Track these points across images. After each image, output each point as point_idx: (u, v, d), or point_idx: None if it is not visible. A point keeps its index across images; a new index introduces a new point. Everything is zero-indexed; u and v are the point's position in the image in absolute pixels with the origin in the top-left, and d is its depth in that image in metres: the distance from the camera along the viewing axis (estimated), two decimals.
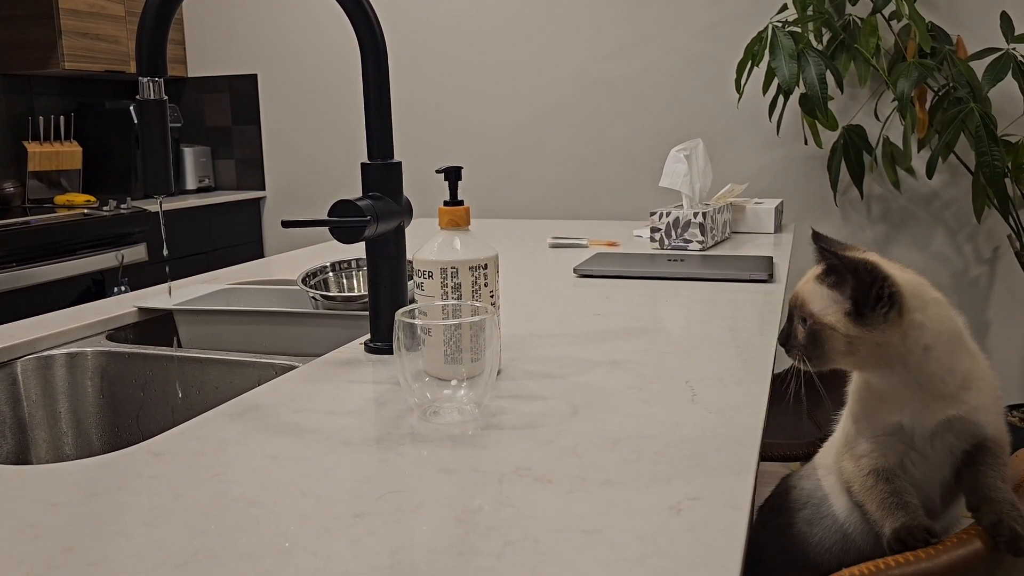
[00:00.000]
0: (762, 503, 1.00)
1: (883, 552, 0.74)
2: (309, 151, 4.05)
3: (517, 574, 0.59)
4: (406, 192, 3.78)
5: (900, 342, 0.73)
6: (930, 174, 2.89)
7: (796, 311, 0.78)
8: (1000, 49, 2.72)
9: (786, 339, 0.79)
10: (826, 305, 0.75)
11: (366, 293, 1.43)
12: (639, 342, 1.20)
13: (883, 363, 0.74)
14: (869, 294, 0.73)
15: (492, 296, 1.04)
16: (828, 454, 0.91)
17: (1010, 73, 2.66)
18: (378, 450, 0.81)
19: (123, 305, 1.49)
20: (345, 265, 1.61)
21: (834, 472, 0.87)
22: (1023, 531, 0.66)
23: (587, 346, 1.18)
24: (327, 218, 1.06)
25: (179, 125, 4.06)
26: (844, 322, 0.73)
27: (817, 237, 0.82)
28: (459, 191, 1.05)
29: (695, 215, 2.04)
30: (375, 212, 1.08)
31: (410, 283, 1.28)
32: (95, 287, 3.17)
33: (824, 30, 2.98)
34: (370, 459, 0.79)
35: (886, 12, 2.93)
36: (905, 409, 0.75)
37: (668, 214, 2.07)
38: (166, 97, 1.08)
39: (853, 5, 2.99)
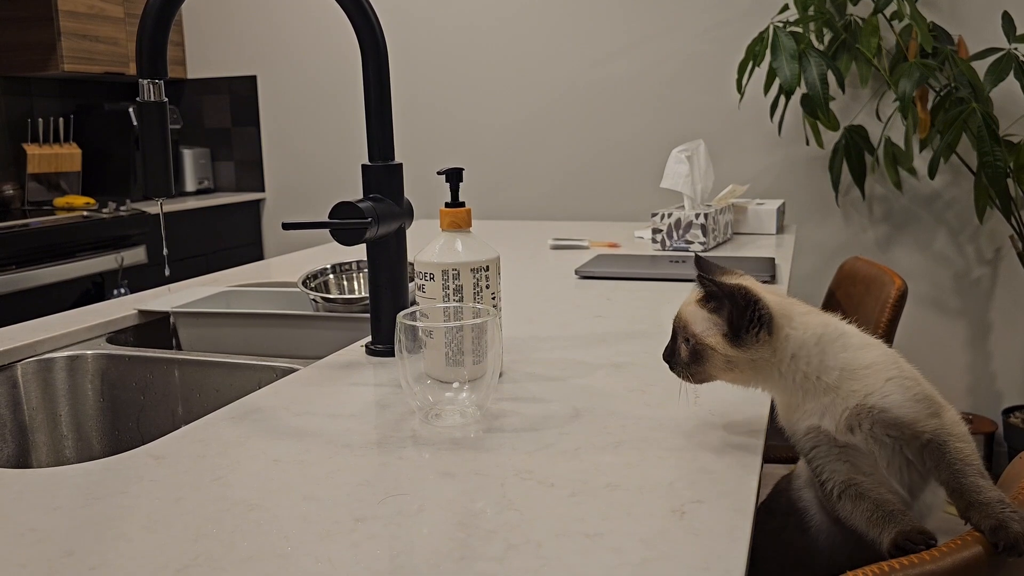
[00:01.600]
0: (759, 505, 1.00)
1: (874, 552, 0.74)
2: (309, 152, 4.05)
3: None
4: (407, 194, 3.78)
5: (770, 356, 0.80)
6: (932, 175, 2.88)
7: (680, 331, 0.85)
8: (1002, 49, 2.72)
9: (670, 356, 0.86)
10: (707, 327, 0.82)
11: (367, 295, 1.42)
12: (641, 344, 1.20)
13: (760, 376, 0.82)
14: (743, 317, 0.80)
15: (494, 298, 1.04)
16: (803, 466, 0.94)
17: (1012, 73, 2.66)
18: (379, 453, 0.81)
19: (123, 308, 1.49)
20: (346, 267, 1.61)
21: (810, 487, 0.90)
22: (1021, 530, 0.66)
23: (589, 348, 1.18)
24: (328, 220, 1.06)
25: (178, 127, 4.05)
26: (723, 343, 0.81)
27: (699, 262, 0.89)
28: (460, 192, 1.05)
29: (696, 216, 2.04)
30: (376, 214, 1.08)
31: (411, 285, 1.27)
32: (94, 289, 3.17)
33: (825, 30, 2.98)
34: (371, 462, 0.79)
35: (887, 12, 2.93)
36: (806, 410, 0.80)
37: (669, 215, 2.07)
38: (166, 99, 1.07)
39: (854, 5, 2.99)
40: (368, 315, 1.35)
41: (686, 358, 0.84)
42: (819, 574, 0.89)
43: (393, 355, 1.13)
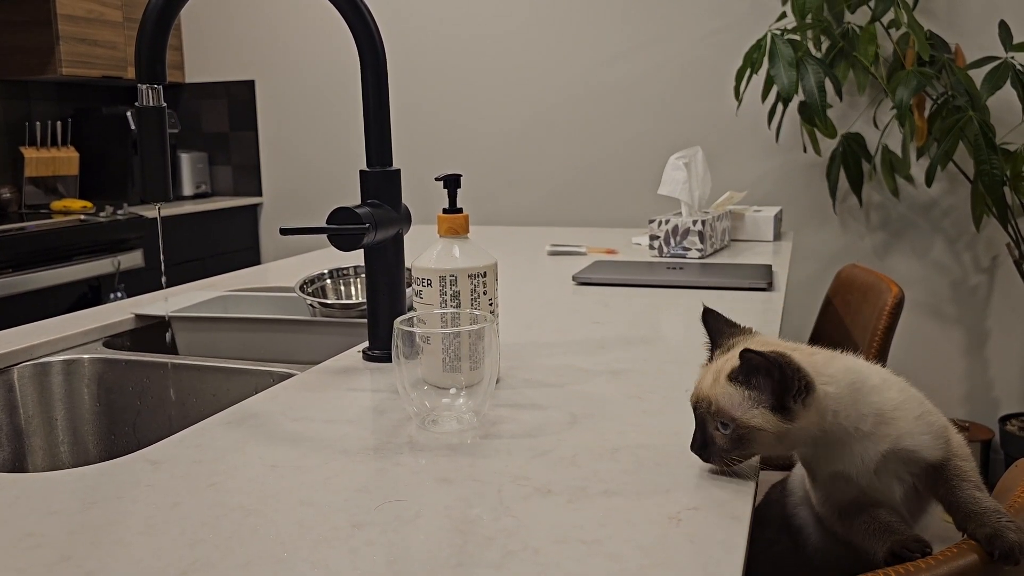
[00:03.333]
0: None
1: (869, 566, 0.75)
2: (307, 157, 4.05)
3: None
4: (405, 199, 3.78)
5: (817, 419, 0.74)
6: (929, 182, 2.89)
7: (709, 417, 0.75)
8: (999, 58, 2.73)
9: (703, 447, 0.76)
10: (747, 408, 0.73)
11: (364, 301, 1.42)
12: (638, 351, 1.20)
13: (804, 440, 0.75)
14: (791, 389, 0.72)
15: (491, 304, 1.04)
16: (798, 482, 0.92)
17: (1008, 81, 2.66)
18: (376, 459, 0.81)
19: (120, 312, 1.49)
20: (343, 272, 1.61)
21: (806, 504, 0.89)
22: (1017, 538, 0.66)
23: (586, 355, 1.18)
24: (326, 225, 1.06)
25: (176, 131, 4.05)
26: (772, 421, 0.72)
27: (713, 316, 0.81)
28: (458, 198, 1.05)
29: (694, 223, 2.04)
30: (374, 220, 1.08)
31: (409, 291, 1.27)
32: (91, 293, 3.16)
33: (823, 38, 2.99)
34: (368, 468, 0.79)
35: (885, 20, 2.93)
36: (835, 458, 0.77)
37: (667, 222, 2.07)
38: (165, 104, 1.07)
39: (852, 13, 3.00)
40: (365, 320, 1.35)
41: (726, 445, 0.74)
42: None
43: (390, 361, 1.13)
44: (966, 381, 3.23)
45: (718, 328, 0.81)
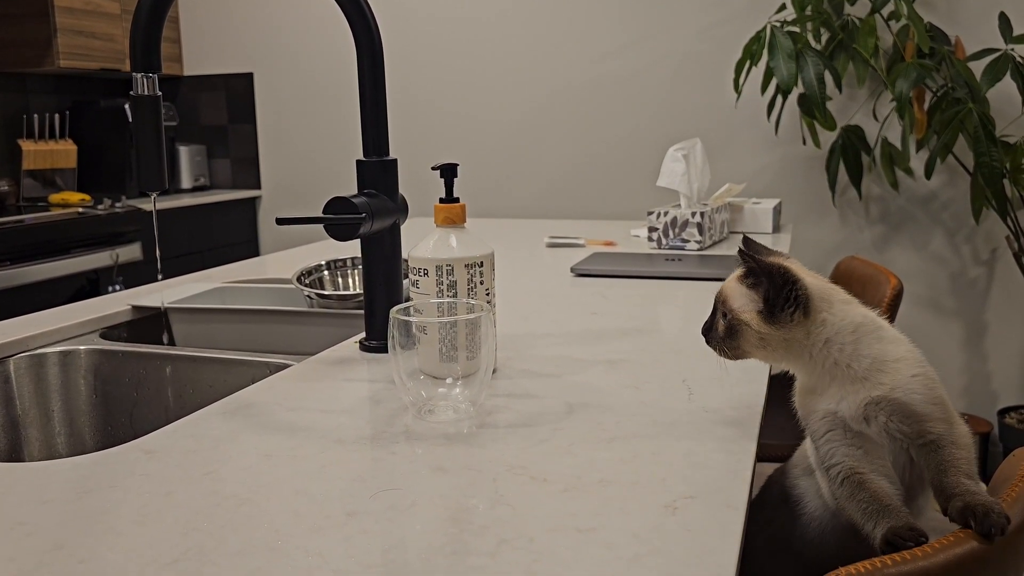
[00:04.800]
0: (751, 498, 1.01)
1: (862, 544, 0.75)
2: (305, 149, 4.04)
3: (512, 573, 0.58)
4: (402, 189, 3.77)
5: (804, 337, 0.81)
6: (928, 175, 2.89)
7: (719, 306, 0.86)
8: (998, 50, 2.72)
9: (708, 330, 0.87)
10: (744, 303, 0.83)
11: (361, 291, 1.42)
12: (636, 341, 1.19)
13: (790, 356, 0.83)
14: (779, 295, 0.81)
15: (488, 294, 1.04)
16: (801, 456, 0.95)
17: (1008, 74, 2.66)
18: (372, 448, 0.81)
19: (117, 303, 1.48)
20: (340, 263, 1.60)
21: (808, 475, 0.91)
22: (985, 501, 0.68)
23: (583, 345, 1.18)
24: (322, 215, 1.05)
25: (175, 124, 4.04)
26: (757, 319, 0.82)
27: (747, 242, 0.90)
28: (455, 189, 1.05)
29: (693, 215, 2.04)
30: (370, 209, 1.07)
31: (405, 281, 1.27)
32: (89, 286, 3.16)
33: (823, 30, 2.98)
34: (364, 457, 0.79)
35: (885, 12, 2.93)
36: (827, 395, 0.81)
37: (666, 213, 2.07)
38: (160, 93, 1.07)
39: (852, 5, 2.99)
40: (362, 311, 1.35)
41: (722, 332, 0.85)
42: (806, 562, 0.90)
43: (387, 351, 1.13)
44: (965, 374, 3.23)
45: (757, 250, 0.89)
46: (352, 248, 1.98)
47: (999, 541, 0.67)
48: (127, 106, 3.73)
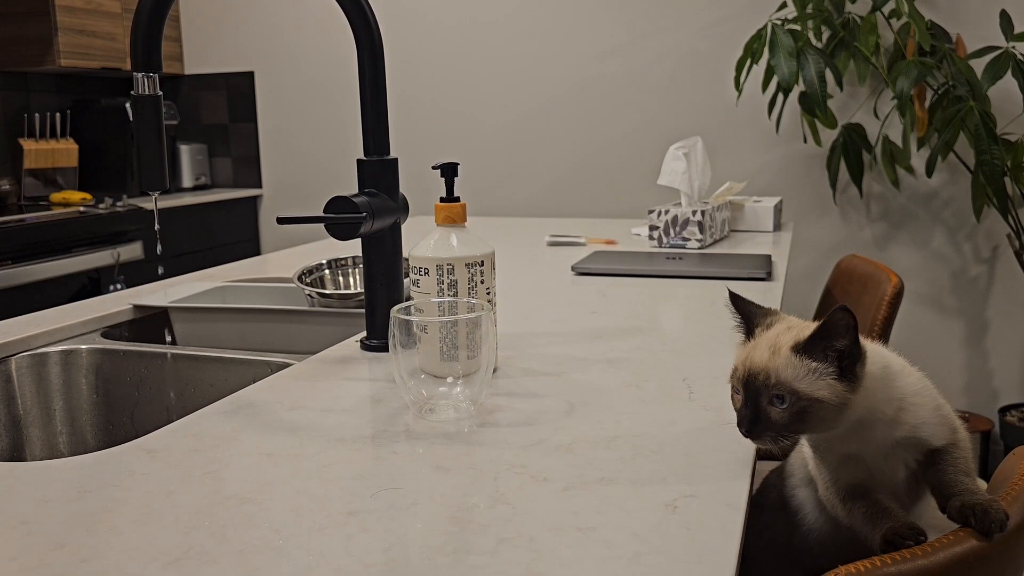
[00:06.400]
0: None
1: (865, 556, 0.75)
2: (306, 148, 4.04)
3: (511, 572, 0.58)
4: (402, 188, 3.77)
5: (863, 396, 0.72)
6: (929, 173, 2.88)
7: (764, 391, 0.71)
8: (999, 48, 2.72)
9: (752, 424, 0.71)
10: (812, 378, 0.70)
11: (362, 291, 1.42)
12: (636, 340, 1.19)
13: (850, 419, 0.74)
14: (859, 353, 0.70)
15: (488, 293, 1.04)
16: (798, 464, 0.92)
17: (1009, 72, 2.65)
18: (373, 447, 0.81)
19: (118, 302, 1.49)
20: (341, 263, 1.61)
21: (806, 486, 0.90)
22: (985, 508, 0.67)
23: (584, 344, 1.18)
24: (323, 214, 1.06)
25: (176, 122, 4.04)
26: (839, 391, 0.70)
27: (737, 300, 0.79)
28: (456, 188, 1.05)
29: (694, 213, 2.04)
30: (371, 208, 1.07)
31: (406, 280, 1.27)
32: (91, 285, 3.16)
33: (823, 28, 2.97)
34: (365, 456, 0.79)
35: (886, 10, 2.92)
36: (853, 440, 0.76)
37: (667, 212, 2.07)
38: (161, 93, 1.07)
39: (853, 3, 2.98)
40: (363, 310, 1.35)
41: (783, 420, 0.70)
42: (806, 570, 0.90)
43: (387, 350, 1.13)
44: (966, 372, 3.23)
45: (749, 310, 0.79)
46: (353, 247, 1.98)
47: (998, 539, 0.67)
48: (128, 105, 3.73)
